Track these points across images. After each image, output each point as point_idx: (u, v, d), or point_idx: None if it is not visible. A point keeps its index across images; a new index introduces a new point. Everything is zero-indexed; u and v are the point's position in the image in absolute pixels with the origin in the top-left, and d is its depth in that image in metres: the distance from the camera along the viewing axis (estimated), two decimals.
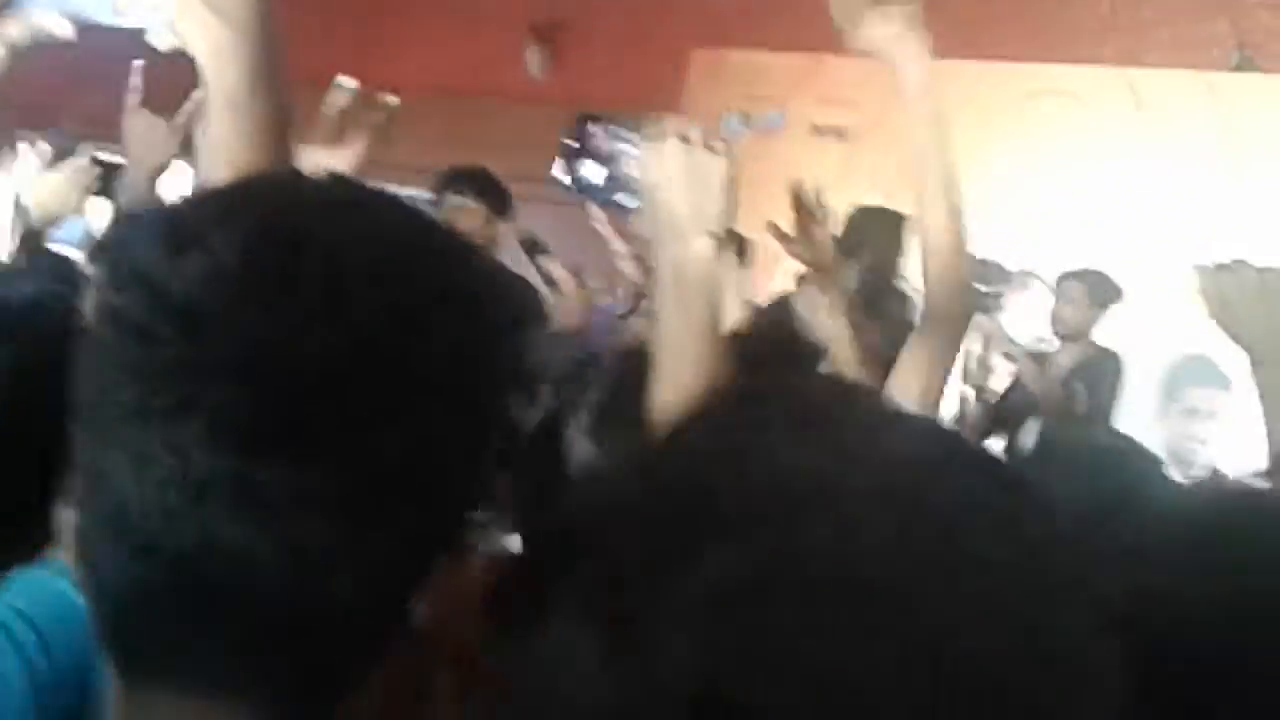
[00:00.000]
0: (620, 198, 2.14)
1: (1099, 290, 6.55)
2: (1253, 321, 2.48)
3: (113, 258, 1.06)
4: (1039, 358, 6.51)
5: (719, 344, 1.95)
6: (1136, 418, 6.54)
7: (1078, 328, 6.56)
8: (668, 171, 1.99)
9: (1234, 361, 6.42)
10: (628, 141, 2.13)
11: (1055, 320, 6.63)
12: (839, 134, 8.31)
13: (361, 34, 9.52)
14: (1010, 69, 7.88)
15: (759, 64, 8.70)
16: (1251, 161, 7.20)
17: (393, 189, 1.20)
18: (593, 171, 2.16)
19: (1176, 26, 7.74)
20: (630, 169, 2.12)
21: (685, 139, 2.01)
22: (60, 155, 4.25)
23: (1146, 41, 7.79)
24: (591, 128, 2.17)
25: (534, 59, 9.62)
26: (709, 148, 2.01)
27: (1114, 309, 6.55)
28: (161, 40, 1.79)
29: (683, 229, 1.96)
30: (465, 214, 5.66)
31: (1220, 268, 2.53)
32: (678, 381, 1.91)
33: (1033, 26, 7.97)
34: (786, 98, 8.58)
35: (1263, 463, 2.38)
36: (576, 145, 2.17)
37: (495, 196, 5.76)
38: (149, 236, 1.06)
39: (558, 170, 2.16)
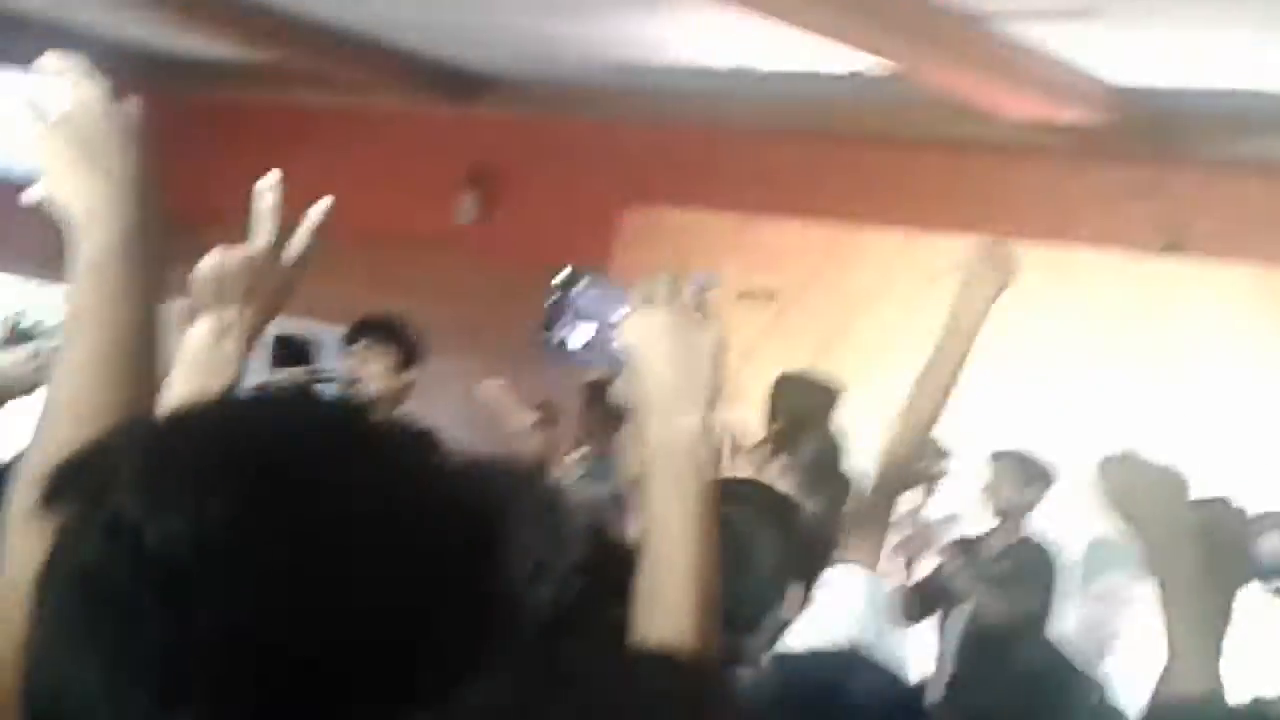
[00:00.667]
0: (599, 361, 2.02)
1: (1033, 470, 6.50)
2: (1151, 516, 2.43)
3: (85, 501, 1.01)
4: (966, 545, 6.44)
5: (714, 530, 1.82)
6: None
7: (1011, 508, 6.50)
8: (655, 340, 1.87)
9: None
10: (618, 303, 2.01)
11: (989, 499, 6.55)
12: (766, 297, 8.31)
13: (288, 172, 9.48)
14: (945, 243, 7.90)
15: (691, 223, 8.71)
16: (1175, 346, 7.24)
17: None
18: (577, 332, 2.04)
19: (1097, 205, 7.80)
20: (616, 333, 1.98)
21: (677, 304, 1.89)
22: None
23: (1070, 220, 7.84)
24: (579, 286, 2.05)
25: (465, 206, 9.61)
26: (701, 315, 1.89)
27: (1049, 491, 6.50)
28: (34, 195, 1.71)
29: (670, 404, 1.84)
30: (374, 362, 5.62)
31: (1118, 460, 2.53)
32: (672, 578, 1.77)
33: (955, 197, 8.01)
34: (718, 259, 8.58)
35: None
36: (559, 305, 2.05)
37: (406, 344, 5.72)
38: (128, 481, 1.00)
39: (540, 328, 2.05)
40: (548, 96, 9.15)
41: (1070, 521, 6.80)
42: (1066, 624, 6.44)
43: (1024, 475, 6.48)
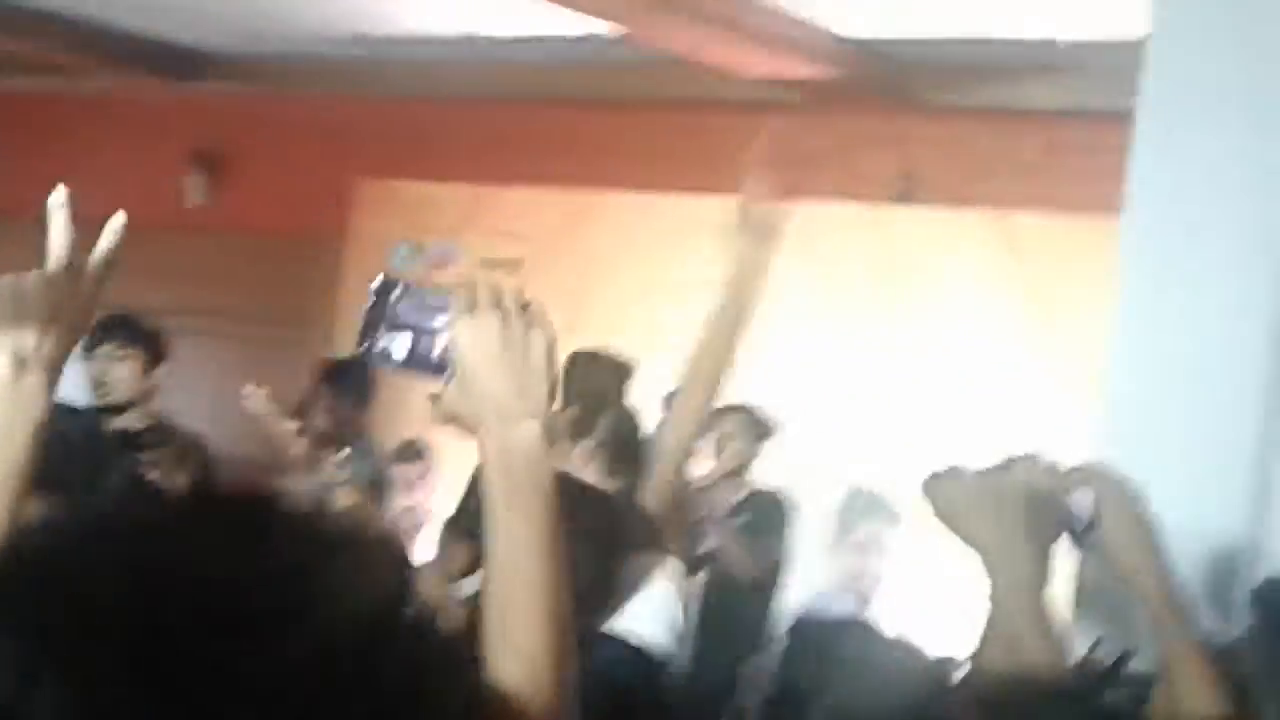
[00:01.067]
0: (423, 370, 1.90)
1: (758, 424, 6.48)
2: (982, 526, 2.43)
3: None
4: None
5: (559, 541, 1.77)
6: (807, 551, 6.55)
7: (743, 461, 6.47)
8: (486, 348, 1.80)
9: (905, 496, 6.49)
10: (437, 310, 1.90)
11: (719, 452, 6.52)
12: (510, 266, 8.25)
13: (18, 165, 9.19)
14: (685, 202, 7.92)
15: (427, 195, 8.61)
16: (913, 294, 7.32)
17: None
18: (396, 343, 1.92)
19: (835, 158, 7.86)
20: (440, 343, 1.89)
21: (503, 308, 1.81)
22: None
23: (808, 174, 7.89)
24: (394, 294, 1.92)
25: (194, 187, 9.41)
26: (528, 318, 1.82)
27: (771, 443, 6.50)
28: None
29: (508, 412, 1.78)
30: (122, 365, 5.44)
31: (941, 475, 2.52)
32: (524, 594, 1.73)
33: (689, 158, 8.02)
34: (457, 229, 8.49)
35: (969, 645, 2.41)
36: (375, 313, 1.92)
37: (151, 344, 5.55)
38: None
39: (357, 340, 1.92)
40: (272, 72, 8.96)
41: (826, 472, 6.86)
42: (826, 573, 6.49)
43: (753, 429, 6.46)
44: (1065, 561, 2.63)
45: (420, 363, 1.89)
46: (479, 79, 8.33)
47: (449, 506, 6.27)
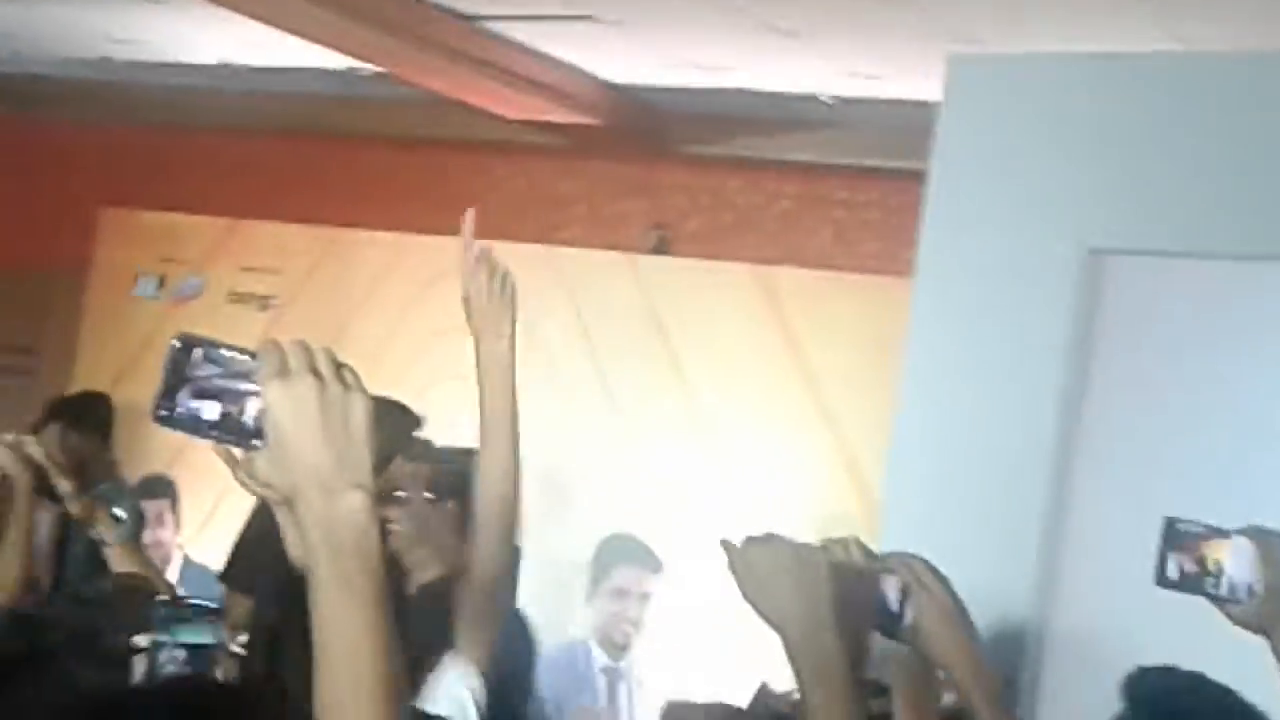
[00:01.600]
0: (240, 439, 1.74)
1: None
2: (787, 599, 2.38)
3: None
4: None
5: (390, 624, 1.67)
6: (566, 598, 6.48)
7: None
8: (302, 414, 1.68)
9: (665, 544, 6.44)
10: (242, 376, 1.73)
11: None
12: (260, 301, 8.05)
13: None
14: (442, 243, 7.78)
15: (174, 226, 8.37)
16: (678, 343, 7.29)
17: None
18: (205, 408, 1.74)
19: (593, 203, 7.83)
20: (251, 409, 1.74)
21: (317, 372, 1.70)
22: None
23: (563, 219, 7.85)
24: (195, 355, 1.74)
25: None
26: (344, 381, 1.72)
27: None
28: None
29: (329, 484, 1.67)
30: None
31: (751, 542, 2.45)
32: (346, 676, 1.63)
33: (448, 199, 7.91)
34: (203, 262, 8.27)
35: None
36: (175, 374, 1.74)
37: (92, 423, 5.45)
38: None
39: (155, 403, 1.74)
40: (13, 94, 8.64)
41: (583, 521, 6.79)
42: (583, 621, 6.42)
43: None
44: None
45: (233, 429, 1.73)
46: (233, 109, 8.14)
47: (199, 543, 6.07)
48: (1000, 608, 2.77)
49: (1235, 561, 2.75)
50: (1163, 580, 2.76)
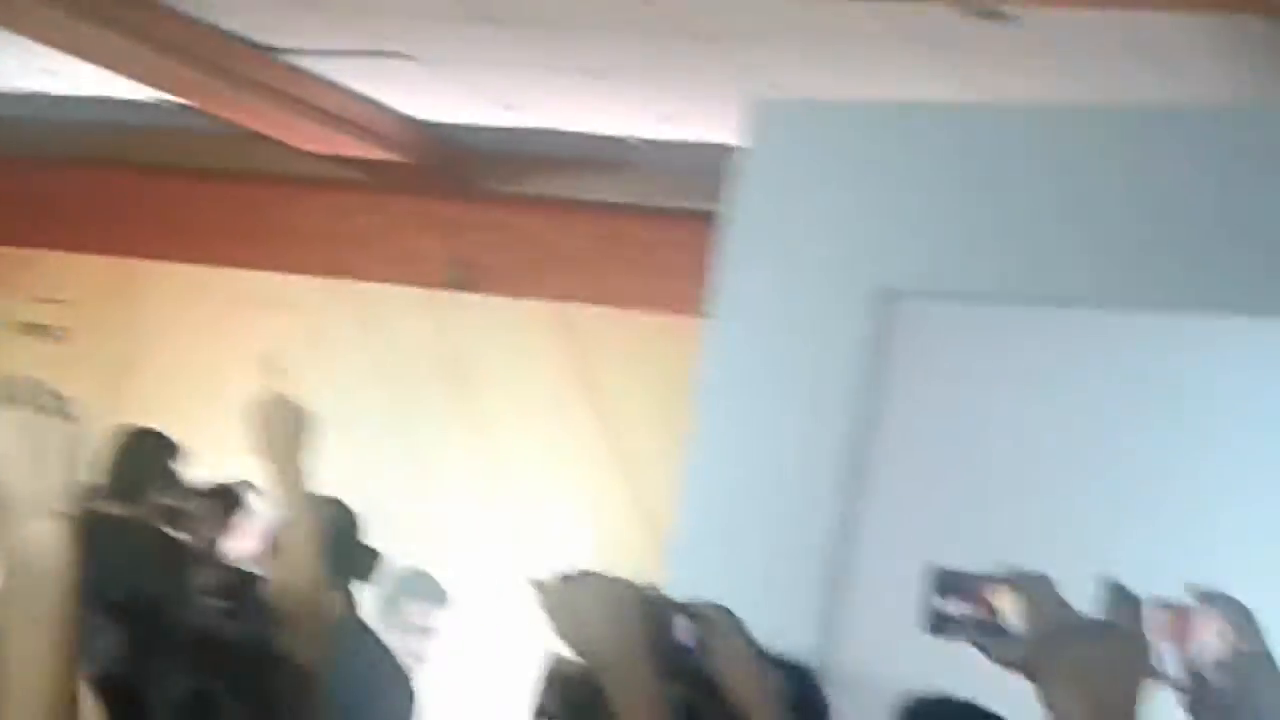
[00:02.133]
0: None
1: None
2: (603, 636, 2.37)
3: None
4: None
5: (69, 649, 1.66)
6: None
7: None
8: (5, 444, 1.67)
9: (455, 580, 6.42)
10: None
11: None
12: (52, 333, 7.90)
13: None
14: (239, 276, 7.72)
15: None
16: (477, 379, 7.28)
17: None
18: None
19: (393, 238, 7.79)
20: None
21: (24, 401, 1.71)
22: None
23: (362, 254, 7.81)
24: None
25: None
26: (49, 410, 1.71)
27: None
28: None
29: (23, 509, 1.66)
30: None
31: (566, 580, 2.44)
32: (22, 699, 1.62)
33: (248, 231, 7.86)
34: None
35: None
36: None
37: None
38: None
39: None
40: None
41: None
42: None
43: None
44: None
45: None
46: (32, 138, 7.99)
47: None
48: (782, 650, 2.81)
49: (1006, 605, 2.80)
50: (933, 626, 2.81)
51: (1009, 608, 2.79)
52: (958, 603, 2.80)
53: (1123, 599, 3.31)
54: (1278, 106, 4.83)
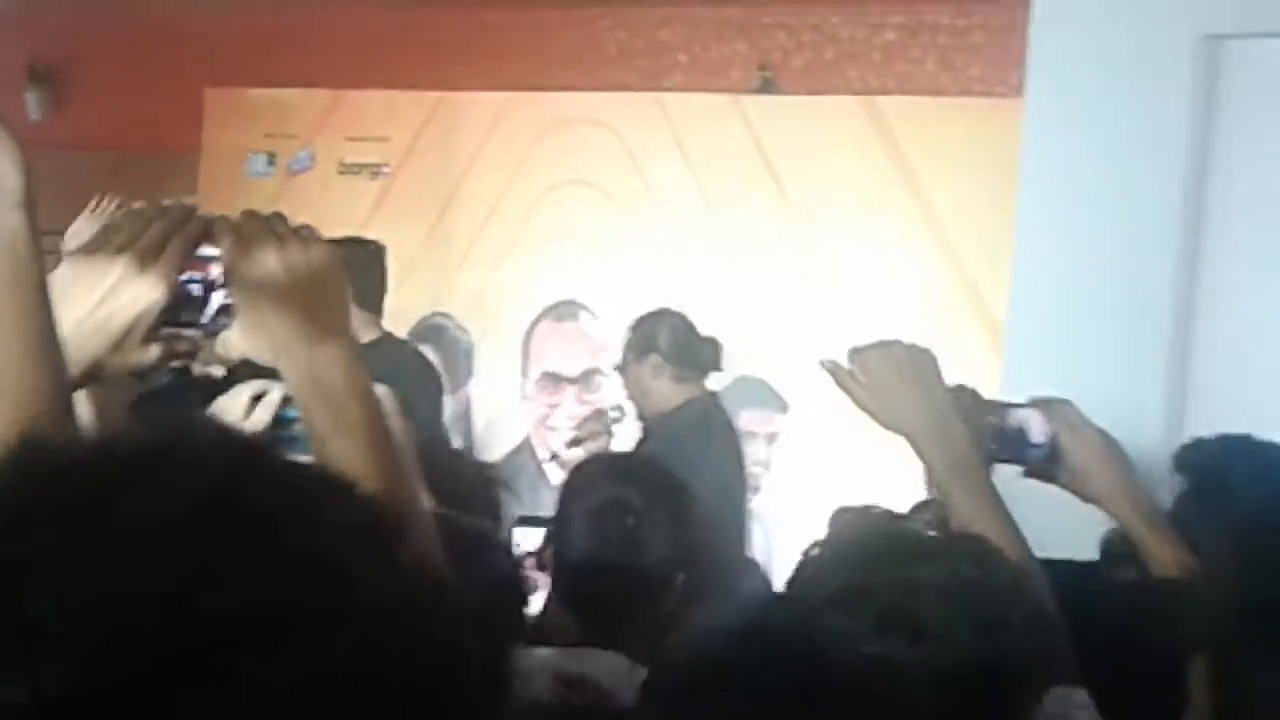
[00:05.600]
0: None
1: None
2: (907, 397, 2.36)
3: None
4: None
5: (399, 457, 1.70)
6: None
7: None
8: (269, 277, 1.67)
9: (791, 385, 6.41)
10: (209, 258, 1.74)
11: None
12: (370, 170, 8.07)
13: None
14: (533, 98, 7.77)
15: (279, 101, 8.39)
16: (789, 182, 7.23)
17: None
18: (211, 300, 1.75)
19: (695, 49, 7.76)
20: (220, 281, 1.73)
21: (276, 234, 1.70)
22: None
23: (666, 64, 7.78)
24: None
25: (33, 101, 9.11)
26: (302, 236, 1.71)
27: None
28: None
29: (308, 335, 1.68)
30: None
31: (858, 350, 2.41)
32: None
33: (550, 55, 7.88)
34: (311, 135, 8.28)
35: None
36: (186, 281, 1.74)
37: None
38: None
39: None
40: None
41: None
42: None
43: None
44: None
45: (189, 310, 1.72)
46: None
47: None
48: (1128, 432, 2.71)
49: None
50: None
51: None
52: None
53: None
54: None
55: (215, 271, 1.71)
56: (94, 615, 0.82)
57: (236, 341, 1.71)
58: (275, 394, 2.15)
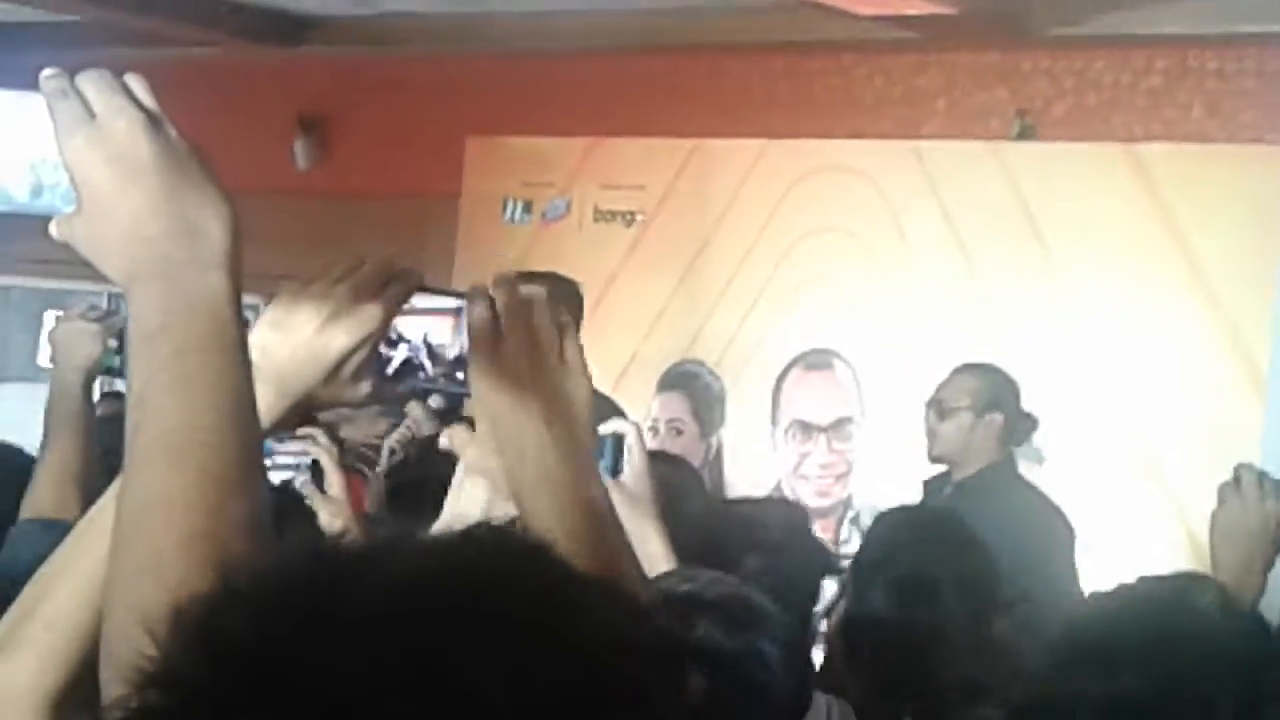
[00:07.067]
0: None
1: None
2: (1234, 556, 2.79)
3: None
4: None
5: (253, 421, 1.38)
6: None
7: None
8: (127, 163, 1.32)
9: (1048, 434, 6.27)
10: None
11: None
12: (625, 218, 8.13)
13: None
14: (788, 145, 7.76)
15: (537, 149, 8.50)
16: (1047, 230, 7.11)
17: None
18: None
19: (954, 96, 7.69)
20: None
21: (140, 110, 1.37)
22: None
23: (924, 111, 7.72)
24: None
25: (301, 151, 9.36)
26: (167, 129, 1.38)
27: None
28: None
29: (177, 255, 1.33)
30: None
31: (1225, 503, 2.81)
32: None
33: (807, 101, 7.88)
34: (568, 183, 8.38)
35: None
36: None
37: None
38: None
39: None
40: (375, 31, 8.87)
41: None
42: None
43: None
44: None
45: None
46: (585, 29, 8.19)
47: None
48: None
49: None
50: None
51: None
52: None
53: None
54: None
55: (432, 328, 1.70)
56: None
57: (67, 234, 1.35)
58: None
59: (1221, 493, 2.75)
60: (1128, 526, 5.56)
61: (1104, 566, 5.08)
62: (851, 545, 6.19)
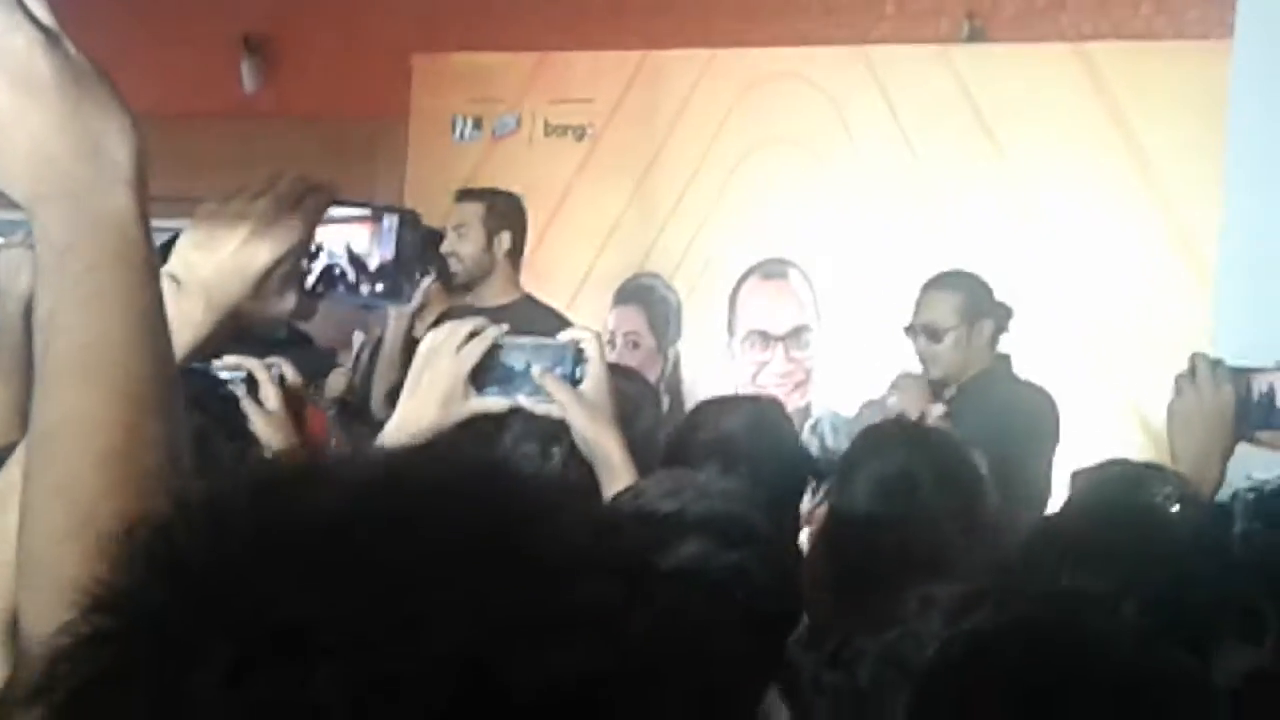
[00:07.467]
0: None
1: None
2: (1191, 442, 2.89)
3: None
4: None
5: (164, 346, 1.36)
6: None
7: None
8: (24, 83, 1.29)
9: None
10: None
11: None
12: (575, 132, 8.10)
13: None
14: (736, 54, 7.73)
15: (484, 65, 8.45)
16: (999, 131, 7.12)
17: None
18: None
19: (900, 1, 7.66)
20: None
21: (37, 25, 1.32)
22: None
23: (873, 16, 7.69)
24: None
25: (247, 73, 9.28)
26: (64, 45, 1.35)
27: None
28: None
29: (82, 176, 1.30)
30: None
31: (1181, 392, 2.89)
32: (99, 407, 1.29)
33: (755, 9, 7.83)
34: (517, 98, 8.34)
35: None
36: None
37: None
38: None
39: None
40: None
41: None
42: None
43: None
44: None
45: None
46: None
47: None
48: None
49: None
50: None
51: None
52: None
53: None
54: None
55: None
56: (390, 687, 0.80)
57: None
58: (491, 331, 2.20)
59: (1178, 384, 2.78)
60: (1079, 422, 5.61)
61: (1058, 463, 5.14)
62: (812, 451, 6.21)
